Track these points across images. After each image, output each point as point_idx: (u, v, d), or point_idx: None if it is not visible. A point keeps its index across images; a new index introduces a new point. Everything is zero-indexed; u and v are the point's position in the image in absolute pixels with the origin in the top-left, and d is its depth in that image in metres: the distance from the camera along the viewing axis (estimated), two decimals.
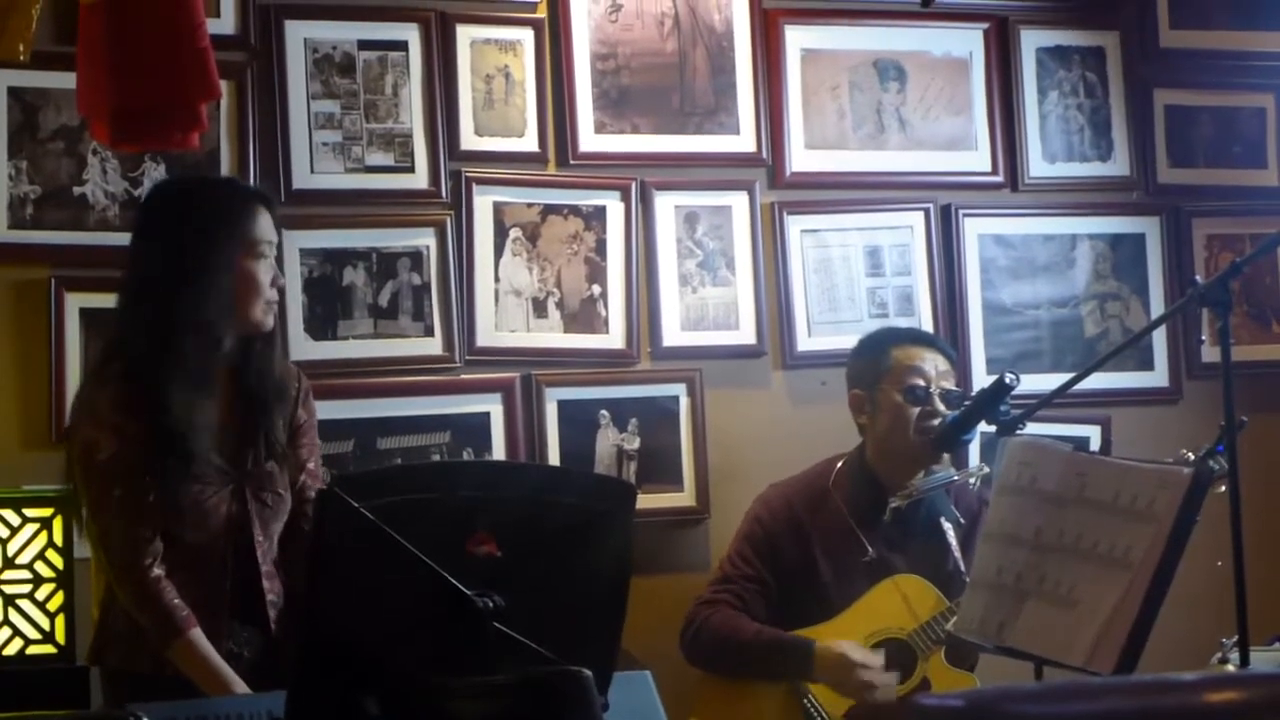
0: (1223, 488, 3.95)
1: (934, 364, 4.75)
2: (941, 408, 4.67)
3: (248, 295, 3.77)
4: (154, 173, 4.81)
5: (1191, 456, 4.30)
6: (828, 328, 5.35)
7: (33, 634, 4.24)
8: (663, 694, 3.48)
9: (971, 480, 4.71)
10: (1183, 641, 4.31)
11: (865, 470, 4.77)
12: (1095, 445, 5.40)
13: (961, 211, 5.48)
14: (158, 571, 3.67)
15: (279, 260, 3.90)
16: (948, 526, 4.55)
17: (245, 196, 3.86)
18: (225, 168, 4.84)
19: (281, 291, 3.86)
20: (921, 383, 4.71)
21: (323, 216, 4.91)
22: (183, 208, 3.88)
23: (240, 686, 3.63)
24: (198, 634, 3.66)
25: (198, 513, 3.74)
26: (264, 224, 3.81)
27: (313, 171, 4.96)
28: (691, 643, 4.73)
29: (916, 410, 4.69)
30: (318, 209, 4.90)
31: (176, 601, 3.66)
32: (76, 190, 4.79)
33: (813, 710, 4.60)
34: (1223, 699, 2.01)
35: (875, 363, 4.79)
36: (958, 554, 4.49)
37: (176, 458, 3.69)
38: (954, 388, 4.75)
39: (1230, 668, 4.25)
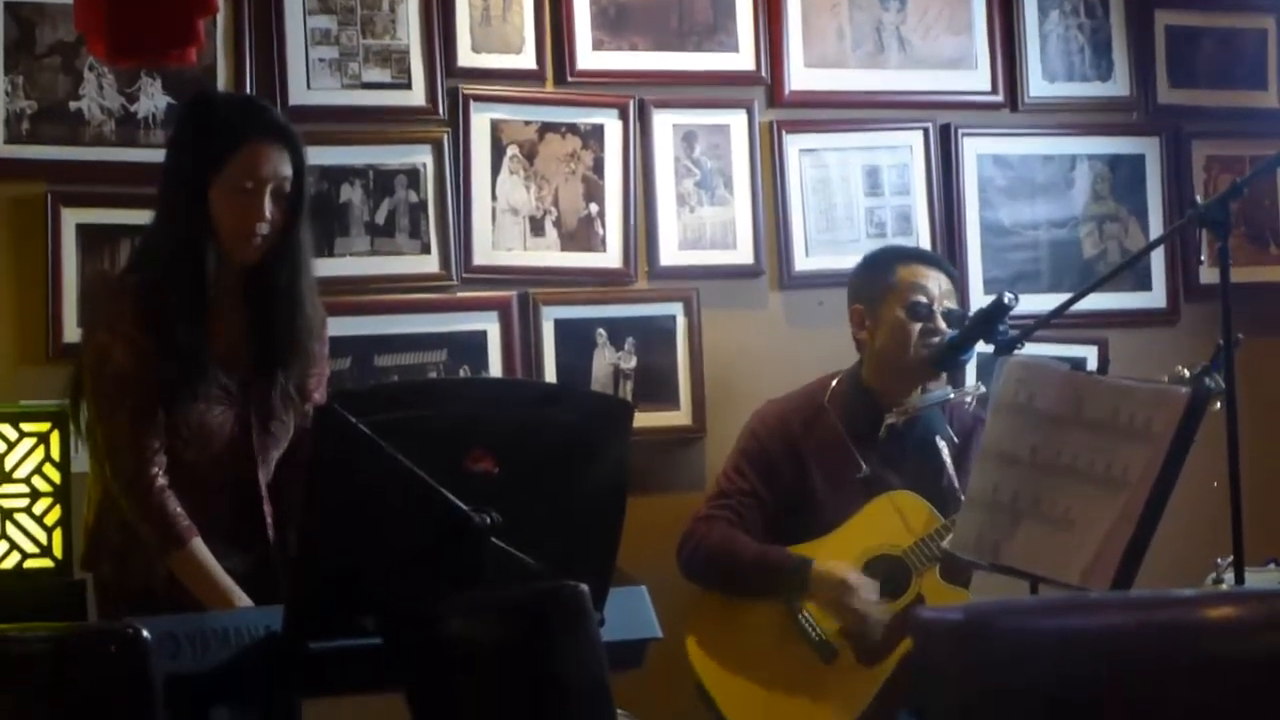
0: (1219, 405, 3.95)
1: (937, 283, 4.75)
2: (943, 325, 4.67)
3: (222, 226, 3.73)
4: (150, 88, 4.80)
5: (1187, 374, 4.30)
6: (825, 248, 5.34)
7: (30, 548, 4.27)
8: (658, 609, 3.50)
9: (967, 399, 4.72)
10: (1177, 561, 4.32)
11: (861, 387, 4.78)
12: (1092, 366, 5.41)
13: (961, 131, 5.47)
14: (162, 482, 3.66)
15: (296, 193, 3.77)
16: (942, 444, 4.56)
17: (246, 127, 3.75)
18: (222, 84, 4.82)
19: (275, 229, 3.75)
20: (924, 299, 4.72)
21: (319, 133, 4.86)
22: (184, 126, 3.90)
23: (242, 598, 3.62)
24: (199, 544, 3.65)
25: (202, 432, 3.73)
26: (257, 159, 3.72)
27: (309, 88, 4.94)
28: (689, 559, 4.75)
29: (918, 326, 4.70)
30: (314, 125, 4.85)
31: (179, 511, 3.65)
32: (73, 105, 4.77)
33: (807, 626, 4.62)
34: (1220, 615, 2.02)
35: (880, 278, 4.79)
36: (952, 472, 4.51)
37: (182, 374, 3.69)
38: (956, 307, 4.75)
39: (1225, 588, 4.26)
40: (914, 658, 3.67)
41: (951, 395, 4.67)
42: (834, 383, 4.82)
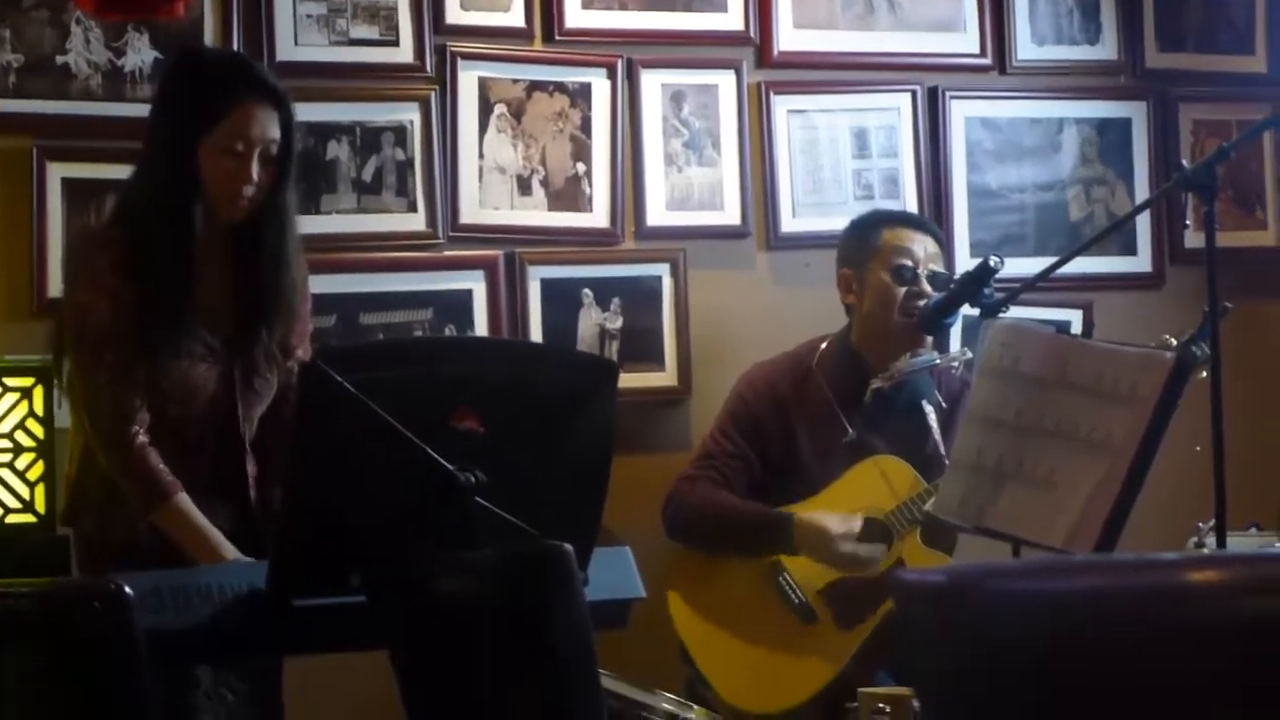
0: (1204, 374, 3.96)
1: (923, 246, 4.76)
2: (928, 289, 4.67)
3: (210, 186, 3.71)
4: (137, 42, 4.78)
5: (1174, 342, 4.31)
6: (812, 209, 5.34)
7: (13, 503, 4.27)
8: (641, 570, 3.50)
9: (954, 365, 4.72)
10: (1159, 525, 4.33)
11: (849, 351, 4.79)
12: (1077, 329, 5.41)
13: (948, 94, 5.46)
14: (144, 438, 3.65)
15: (284, 154, 3.75)
16: (929, 409, 4.56)
17: (237, 88, 3.73)
18: (209, 38, 4.81)
19: (262, 190, 3.74)
20: (909, 263, 4.72)
21: (306, 89, 4.83)
22: (172, 84, 3.87)
23: (230, 550, 3.62)
24: (184, 498, 3.64)
25: (185, 388, 3.73)
26: (247, 121, 3.70)
27: (297, 44, 4.92)
28: (673, 518, 4.77)
29: (903, 290, 4.70)
30: (301, 82, 4.82)
31: (162, 467, 3.64)
32: (60, 59, 4.75)
33: (787, 588, 4.64)
34: (1203, 578, 2.02)
35: (865, 242, 4.79)
36: (938, 437, 4.51)
37: (164, 329, 3.68)
38: (942, 270, 4.75)
39: (1207, 551, 4.27)
40: (895, 620, 3.67)
41: (938, 360, 4.67)
42: (823, 346, 4.83)
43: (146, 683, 2.80)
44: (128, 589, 2.78)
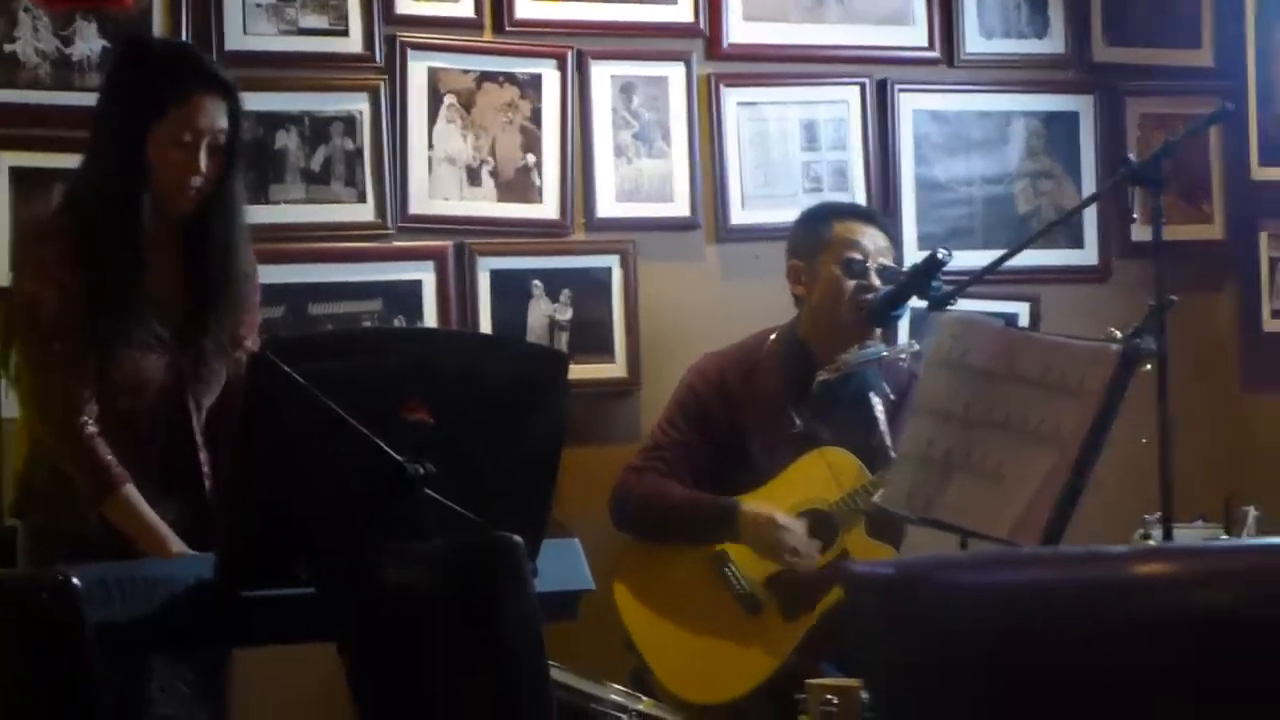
0: (1149, 366, 3.98)
1: (874, 240, 4.77)
2: (877, 282, 4.69)
3: (158, 177, 3.71)
4: (86, 31, 4.75)
5: (1119, 335, 4.33)
6: (762, 201, 5.34)
7: None
8: (590, 561, 3.51)
9: (902, 357, 4.73)
10: (1105, 518, 4.34)
11: (798, 343, 4.80)
12: (1024, 322, 5.43)
13: (897, 87, 5.47)
14: (92, 429, 3.65)
15: (232, 144, 3.76)
16: (876, 401, 4.57)
17: (186, 79, 3.74)
18: (157, 28, 4.78)
19: (210, 180, 3.74)
20: (859, 256, 4.73)
21: (255, 79, 4.81)
22: (120, 74, 3.87)
23: (176, 542, 3.62)
24: (132, 489, 3.65)
25: (134, 379, 3.72)
26: (196, 112, 3.71)
27: (246, 33, 4.89)
28: (620, 509, 4.77)
29: (853, 283, 4.71)
30: (250, 71, 4.80)
31: (110, 458, 3.64)
32: (7, 48, 4.72)
33: (732, 578, 4.65)
34: (1150, 571, 2.04)
35: (816, 234, 4.80)
36: (884, 429, 4.52)
37: (113, 319, 3.67)
38: (892, 264, 4.76)
39: (1152, 544, 4.29)
40: (844, 612, 3.68)
41: (885, 352, 4.67)
42: (772, 337, 4.84)
43: (96, 673, 2.79)
44: (74, 580, 2.78)
